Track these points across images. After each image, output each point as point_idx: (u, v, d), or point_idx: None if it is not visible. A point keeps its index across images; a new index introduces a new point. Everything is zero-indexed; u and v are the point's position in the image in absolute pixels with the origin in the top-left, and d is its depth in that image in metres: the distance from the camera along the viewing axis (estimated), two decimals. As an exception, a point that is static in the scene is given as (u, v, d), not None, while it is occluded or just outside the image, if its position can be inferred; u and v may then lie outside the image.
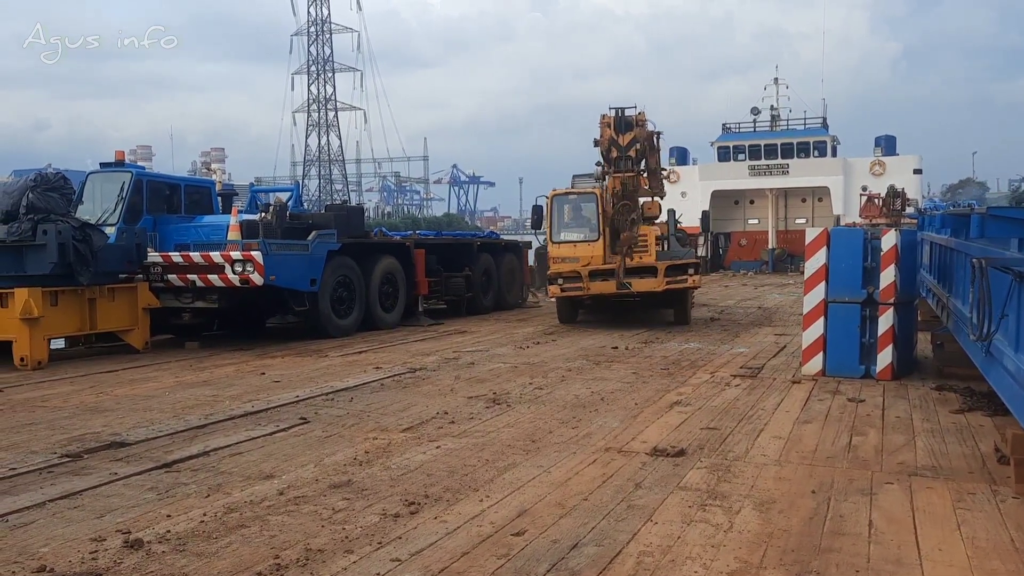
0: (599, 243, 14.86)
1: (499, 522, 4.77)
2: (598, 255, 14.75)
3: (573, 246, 14.92)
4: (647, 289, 14.36)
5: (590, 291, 14.53)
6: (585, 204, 15.37)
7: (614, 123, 14.18)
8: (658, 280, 14.27)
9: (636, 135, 14.09)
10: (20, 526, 4.84)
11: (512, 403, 8.30)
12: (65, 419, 7.87)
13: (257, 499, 5.27)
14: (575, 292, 14.67)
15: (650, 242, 14.91)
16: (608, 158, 14.39)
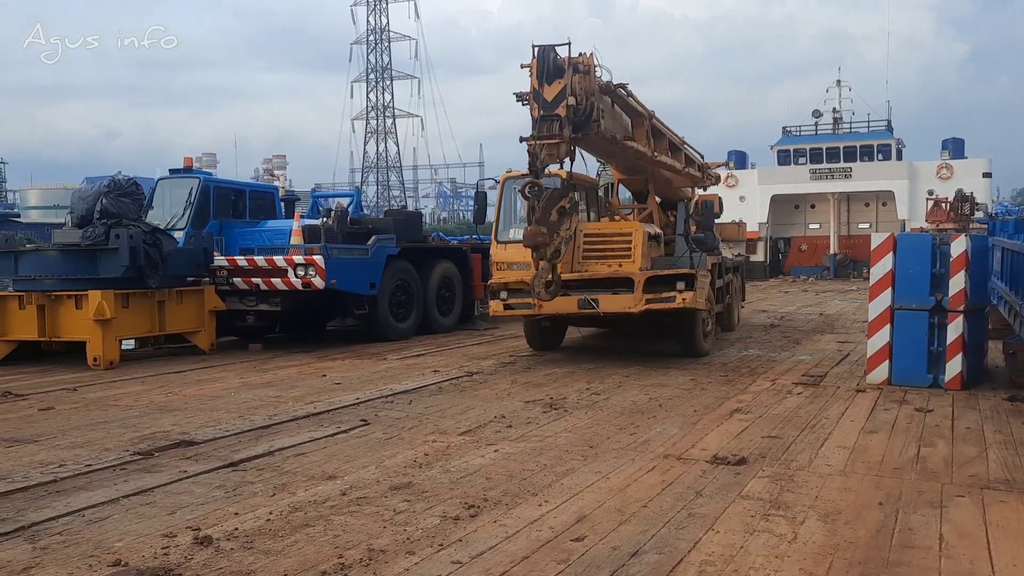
0: None
1: (558, 527, 4.78)
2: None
3: (521, 247, 10.69)
4: (619, 309, 10.74)
5: (542, 310, 10.94)
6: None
7: (536, 68, 9.55)
8: (634, 297, 10.63)
9: (566, 85, 9.36)
10: (96, 521, 5.02)
11: (569, 408, 8.29)
12: (136, 418, 8.12)
13: (320, 499, 5.37)
14: (523, 310, 11.21)
15: (636, 244, 11.17)
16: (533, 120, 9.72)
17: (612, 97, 10.51)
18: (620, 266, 11.08)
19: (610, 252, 11.27)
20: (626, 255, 11.19)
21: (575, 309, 10.88)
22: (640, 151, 11.38)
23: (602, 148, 11.14)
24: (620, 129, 10.88)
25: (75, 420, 8.06)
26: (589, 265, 11.29)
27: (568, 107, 9.35)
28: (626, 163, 12.58)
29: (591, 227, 11.74)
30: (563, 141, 9.45)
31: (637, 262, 11.08)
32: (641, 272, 10.88)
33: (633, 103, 11.06)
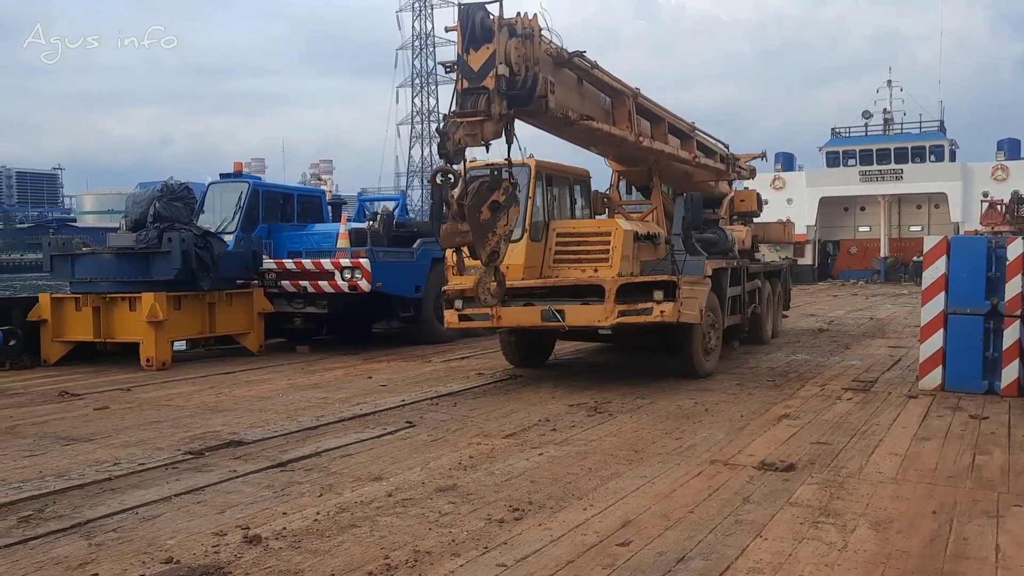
0: (520, 246, 9.50)
1: (603, 532, 4.76)
2: (517, 264, 9.46)
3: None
4: (587, 323, 9.34)
5: (501, 321, 9.60)
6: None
7: (460, 30, 7.99)
8: (605, 309, 9.12)
9: (495, 51, 7.77)
10: (149, 519, 5.13)
11: (613, 412, 8.25)
12: (187, 418, 8.29)
13: (367, 500, 5.42)
14: (480, 322, 9.80)
15: (614, 246, 9.53)
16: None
17: (572, 69, 9.02)
18: (596, 271, 9.51)
19: (585, 255, 9.68)
20: (603, 259, 9.55)
21: (538, 321, 9.41)
22: (616, 135, 9.78)
23: (562, 131, 9.46)
24: (593, 110, 9.44)
25: (129, 420, 8.26)
26: (561, 270, 9.76)
27: (498, 78, 7.76)
28: (618, 152, 11.12)
29: (565, 226, 10.12)
30: (488, 119, 7.82)
31: (615, 267, 9.42)
32: (613, 279, 9.24)
33: (606, 78, 9.57)
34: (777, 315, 15.30)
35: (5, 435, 7.61)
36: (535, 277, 9.71)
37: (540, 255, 9.84)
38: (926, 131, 42.84)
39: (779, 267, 15.91)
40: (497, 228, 8.23)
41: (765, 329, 14.07)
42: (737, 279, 12.08)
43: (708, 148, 13.06)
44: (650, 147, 10.68)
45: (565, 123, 8.89)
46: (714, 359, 10.69)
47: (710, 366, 10.51)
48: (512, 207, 8.38)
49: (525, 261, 9.59)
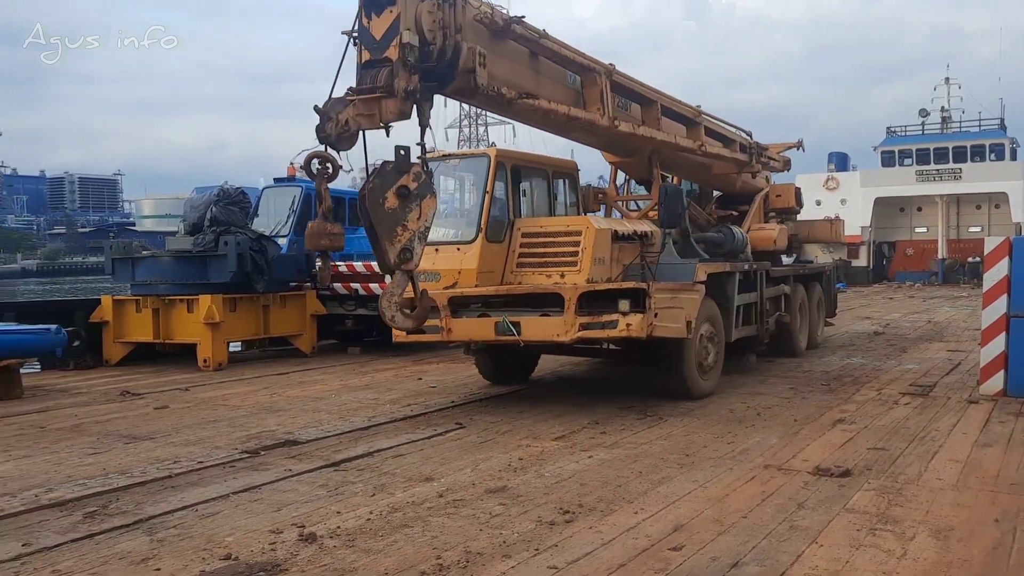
0: (474, 247, 8.47)
1: (655, 536, 4.73)
2: (470, 268, 8.42)
3: (434, 252, 8.27)
4: (544, 337, 8.19)
5: (451, 335, 8.44)
6: (469, 177, 9.10)
7: None
8: (564, 321, 7.95)
9: (399, 14, 6.71)
10: (208, 516, 5.25)
11: (664, 415, 8.20)
12: (243, 417, 8.46)
13: (418, 500, 5.48)
14: (431, 335, 8.42)
15: (584, 247, 8.34)
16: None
17: (519, 41, 7.88)
18: (562, 276, 8.32)
19: (551, 258, 8.50)
20: (571, 262, 8.36)
21: (492, 335, 8.28)
22: (579, 118, 8.52)
23: (506, 112, 8.27)
24: (553, 89, 8.35)
25: (187, 419, 8.46)
26: (524, 275, 8.61)
27: (402, 47, 6.63)
28: (596, 139, 9.96)
29: (531, 225, 8.87)
30: (388, 95, 6.70)
31: (584, 271, 8.23)
32: (572, 287, 8.05)
33: (565, 51, 8.31)
34: (817, 323, 13.92)
35: (70, 433, 7.87)
36: (496, 283, 8.53)
37: (501, 258, 8.65)
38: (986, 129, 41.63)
39: (817, 269, 14.47)
40: (408, 221, 6.79)
41: (797, 339, 12.58)
42: (751, 284, 10.80)
43: (723, 136, 11.73)
44: (632, 132, 9.31)
45: (502, 102, 7.64)
46: (713, 378, 9.33)
47: (707, 386, 9.18)
48: (427, 199, 6.91)
49: (479, 265, 8.39)
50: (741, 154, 12.05)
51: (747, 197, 13.19)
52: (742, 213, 12.84)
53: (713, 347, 9.32)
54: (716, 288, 9.51)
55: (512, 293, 8.41)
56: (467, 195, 9.07)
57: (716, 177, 12.36)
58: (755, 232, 12.50)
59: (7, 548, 4.68)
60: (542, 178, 9.61)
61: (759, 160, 12.59)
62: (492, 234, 8.58)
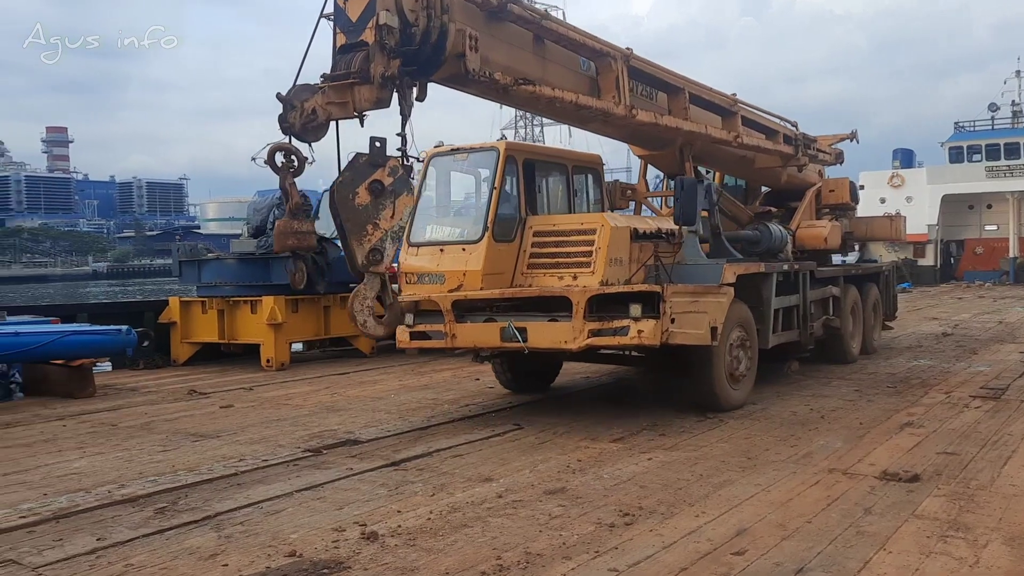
0: (480, 248, 7.92)
1: (717, 539, 4.68)
2: (474, 270, 7.86)
3: (439, 252, 8.13)
4: (551, 345, 7.65)
5: (456, 341, 7.95)
6: (478, 173, 8.52)
7: None
8: (573, 327, 7.41)
9: None
10: (272, 513, 5.36)
11: (724, 417, 8.09)
12: (306, 416, 8.62)
13: (478, 500, 5.50)
14: (434, 341, 8.13)
15: (599, 247, 7.74)
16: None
17: (520, 24, 7.32)
18: (575, 278, 7.75)
19: (564, 258, 7.93)
20: (584, 263, 7.77)
21: (498, 342, 7.77)
22: (591, 107, 7.94)
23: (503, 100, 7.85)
24: (563, 76, 7.86)
25: (252, 417, 8.65)
26: (535, 277, 8.03)
27: (379, 28, 6.13)
28: (614, 130, 9.34)
29: (543, 223, 8.27)
30: (363, 82, 6.23)
31: (598, 273, 7.65)
32: (581, 290, 7.49)
33: (573, 35, 7.72)
34: (873, 326, 13.01)
35: (141, 431, 8.11)
36: (505, 286, 7.98)
37: (511, 259, 8.07)
38: (1060, 123, 40.10)
39: (873, 269, 13.57)
40: (380, 219, 6.37)
41: (848, 345, 11.73)
42: (792, 286, 10.09)
43: (764, 127, 11.05)
44: (655, 123, 8.69)
45: (496, 89, 7.07)
46: (745, 388, 8.66)
47: (738, 396, 8.51)
48: (402, 196, 6.45)
49: (485, 267, 7.80)
50: (785, 146, 11.35)
51: (798, 193, 12.52)
52: (792, 210, 12.15)
53: (745, 354, 8.64)
54: (750, 290, 8.91)
55: (517, 296, 7.89)
56: (475, 192, 8.53)
57: (759, 171, 11.68)
58: (804, 230, 11.83)
59: (83, 542, 4.85)
60: (560, 173, 9.09)
61: (806, 152, 11.81)
62: (500, 233, 8.02)
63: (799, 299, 10.18)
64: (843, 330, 11.47)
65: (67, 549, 4.73)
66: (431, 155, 8.52)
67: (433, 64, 6.59)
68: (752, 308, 8.90)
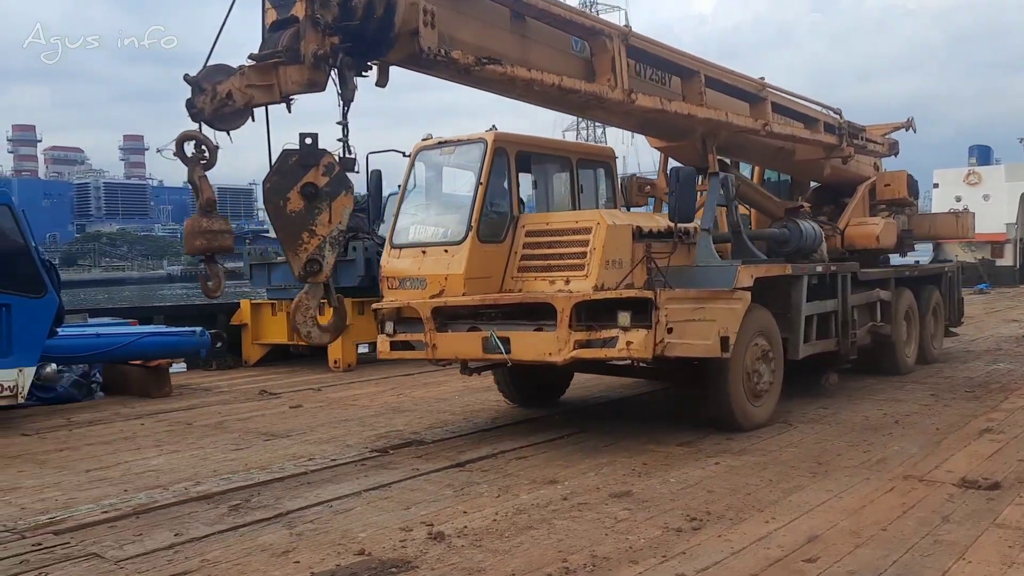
0: (463, 249, 7.30)
1: (788, 546, 4.59)
2: (456, 274, 7.26)
3: (421, 255, 7.55)
4: (536, 357, 7.00)
5: (437, 352, 7.37)
6: (466, 167, 7.80)
7: None
8: (557, 338, 6.72)
9: None
10: (341, 512, 5.46)
11: (793, 422, 7.93)
12: (372, 417, 8.75)
13: (543, 502, 5.51)
14: (416, 352, 7.66)
15: (594, 247, 7.00)
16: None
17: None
18: (567, 283, 7.06)
19: (556, 260, 7.24)
20: (578, 265, 7.07)
21: (480, 353, 7.22)
22: (581, 91, 7.10)
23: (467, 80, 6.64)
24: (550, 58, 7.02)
25: (321, 417, 8.82)
26: (526, 281, 7.37)
27: (310, 1, 5.46)
28: (615, 118, 8.71)
29: (536, 221, 7.63)
30: (291, 62, 5.46)
31: (592, 276, 6.93)
32: (566, 296, 6.78)
33: (557, 10, 6.94)
34: (933, 333, 11.85)
35: (214, 430, 8.34)
36: (494, 290, 7.34)
37: (501, 261, 7.44)
38: None
39: (934, 270, 12.55)
40: (316, 225, 5.72)
41: (900, 354, 10.67)
42: (829, 290, 9.18)
43: (801, 114, 10.13)
44: (661, 109, 7.82)
45: (456, 69, 6.18)
46: (768, 404, 7.86)
47: (760, 413, 7.72)
48: (340, 198, 5.73)
49: (468, 270, 7.18)
50: (827, 135, 10.34)
51: (850, 188, 11.60)
52: (844, 207, 11.28)
53: (767, 367, 7.81)
54: (775, 295, 8.14)
55: (500, 303, 7.22)
56: (462, 188, 7.73)
57: (800, 164, 10.76)
58: (853, 228, 10.91)
59: (162, 537, 5.01)
60: (563, 168, 8.44)
61: (852, 143, 10.69)
62: (487, 233, 7.40)
63: (837, 304, 9.23)
64: (894, 338, 10.49)
65: (146, 544, 4.90)
66: (418, 149, 8.00)
67: (383, 43, 5.76)
68: (778, 315, 8.12)
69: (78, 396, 10.27)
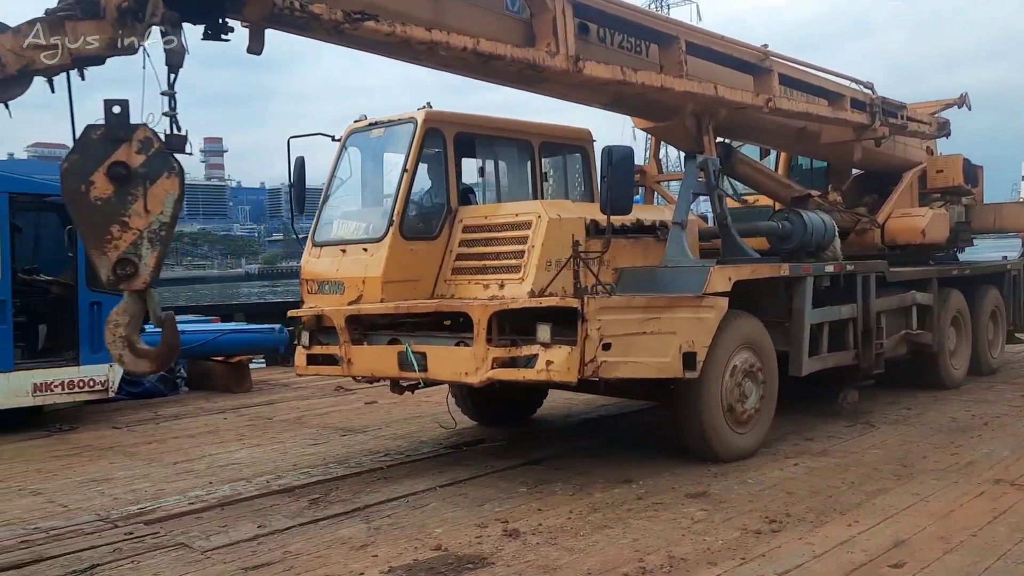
0: (382, 248, 6.35)
1: (872, 551, 4.46)
2: (373, 277, 6.33)
3: (340, 254, 6.64)
4: (451, 376, 6.11)
5: (352, 368, 6.51)
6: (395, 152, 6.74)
7: None
8: (474, 354, 5.78)
9: None
10: (417, 507, 5.53)
11: (875, 423, 7.71)
12: (446, 414, 8.78)
13: (618, 501, 5.47)
14: (330, 367, 6.72)
15: (532, 245, 6.02)
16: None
17: None
18: (501, 287, 6.06)
19: (492, 261, 6.25)
20: (512, 267, 6.08)
21: (396, 371, 6.23)
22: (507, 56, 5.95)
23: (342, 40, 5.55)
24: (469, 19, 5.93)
25: (395, 414, 8.95)
26: (459, 285, 6.40)
27: None
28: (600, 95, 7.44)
29: (474, 215, 6.63)
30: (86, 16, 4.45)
31: (529, 280, 5.92)
32: (483, 305, 5.79)
33: None
34: (992, 341, 10.54)
35: (293, 425, 8.55)
36: (425, 295, 6.40)
37: (433, 262, 6.47)
38: None
39: (992, 269, 10.93)
40: (129, 215, 4.54)
41: (945, 365, 9.36)
42: (845, 293, 7.88)
43: (820, 88, 8.84)
44: (621, 80, 6.68)
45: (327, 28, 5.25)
46: (756, 430, 6.68)
47: (743, 442, 6.54)
48: (161, 181, 4.56)
49: (386, 272, 6.24)
50: (855, 113, 9.02)
51: (895, 175, 10.34)
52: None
53: (755, 386, 6.63)
54: (770, 300, 7.12)
55: (413, 312, 6.24)
56: (393, 177, 6.59)
57: (828, 147, 9.50)
58: (895, 220, 9.76)
59: (246, 529, 5.16)
60: (522, 152, 7.41)
61: (887, 122, 9.30)
62: (415, 229, 6.51)
63: (856, 310, 7.88)
64: (936, 347, 9.06)
65: (231, 535, 5.05)
66: (348, 132, 7.02)
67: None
68: (774, 324, 7.03)
69: (164, 391, 10.66)
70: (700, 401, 6.23)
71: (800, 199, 8.64)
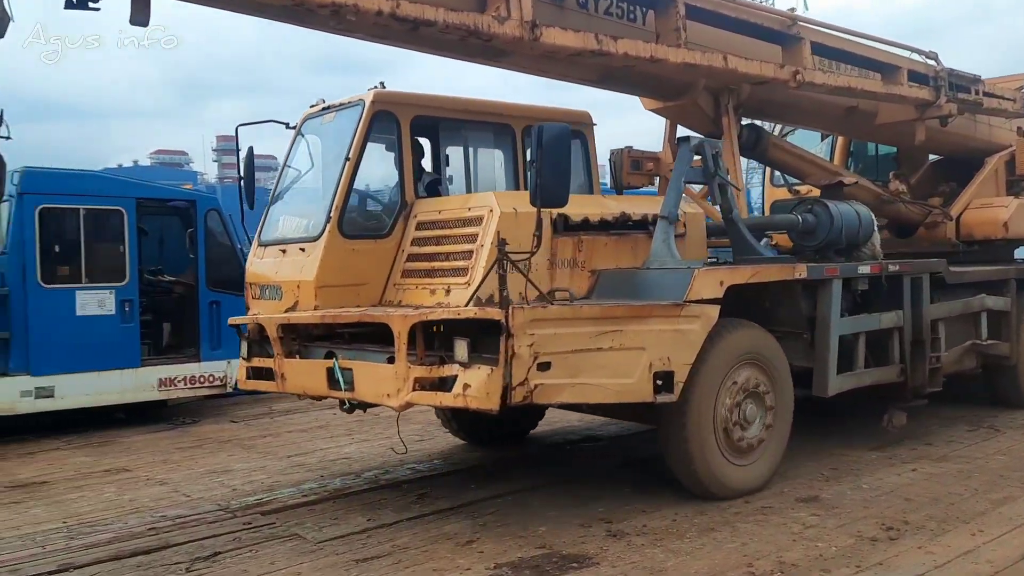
0: (318, 248, 5.63)
1: (999, 562, 4.24)
2: (306, 281, 5.62)
3: (281, 255, 5.96)
4: (374, 398, 5.28)
5: (285, 385, 5.79)
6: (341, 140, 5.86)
7: None
8: (396, 373, 4.98)
9: None
10: (521, 505, 5.57)
11: (1000, 427, 7.32)
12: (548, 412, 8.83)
13: (724, 505, 5.36)
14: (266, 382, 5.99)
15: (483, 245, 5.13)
16: None
17: None
18: (447, 293, 5.25)
19: (441, 262, 5.46)
20: (460, 269, 5.24)
21: (325, 389, 5.50)
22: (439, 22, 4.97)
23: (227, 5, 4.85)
24: None
25: (497, 412, 9.03)
26: (407, 290, 5.62)
27: None
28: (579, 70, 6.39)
29: (428, 209, 5.80)
30: None
31: (474, 284, 5.05)
32: (402, 317, 4.99)
33: None
34: None
35: (400, 421, 8.71)
36: (372, 301, 5.67)
37: (383, 263, 5.74)
38: None
39: None
40: None
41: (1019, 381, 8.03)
42: (888, 298, 6.70)
43: (870, 60, 7.55)
44: (600, 51, 5.61)
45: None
46: (761, 462, 5.68)
47: (744, 476, 5.58)
48: None
49: (321, 276, 5.54)
50: (915, 88, 7.72)
51: (977, 160, 9.13)
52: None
53: (759, 411, 5.65)
54: (784, 308, 6.13)
55: (338, 321, 5.50)
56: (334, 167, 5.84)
57: (885, 128, 8.27)
58: (973, 211, 8.63)
59: (356, 521, 5.32)
60: (500, 139, 6.59)
61: (955, 97, 7.99)
62: (359, 227, 5.81)
63: (901, 318, 6.68)
64: (1016, 358, 7.88)
65: (342, 527, 5.21)
66: (304, 118, 6.35)
67: None
68: (792, 335, 6.10)
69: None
70: (686, 428, 5.27)
71: (832, 187, 7.49)
